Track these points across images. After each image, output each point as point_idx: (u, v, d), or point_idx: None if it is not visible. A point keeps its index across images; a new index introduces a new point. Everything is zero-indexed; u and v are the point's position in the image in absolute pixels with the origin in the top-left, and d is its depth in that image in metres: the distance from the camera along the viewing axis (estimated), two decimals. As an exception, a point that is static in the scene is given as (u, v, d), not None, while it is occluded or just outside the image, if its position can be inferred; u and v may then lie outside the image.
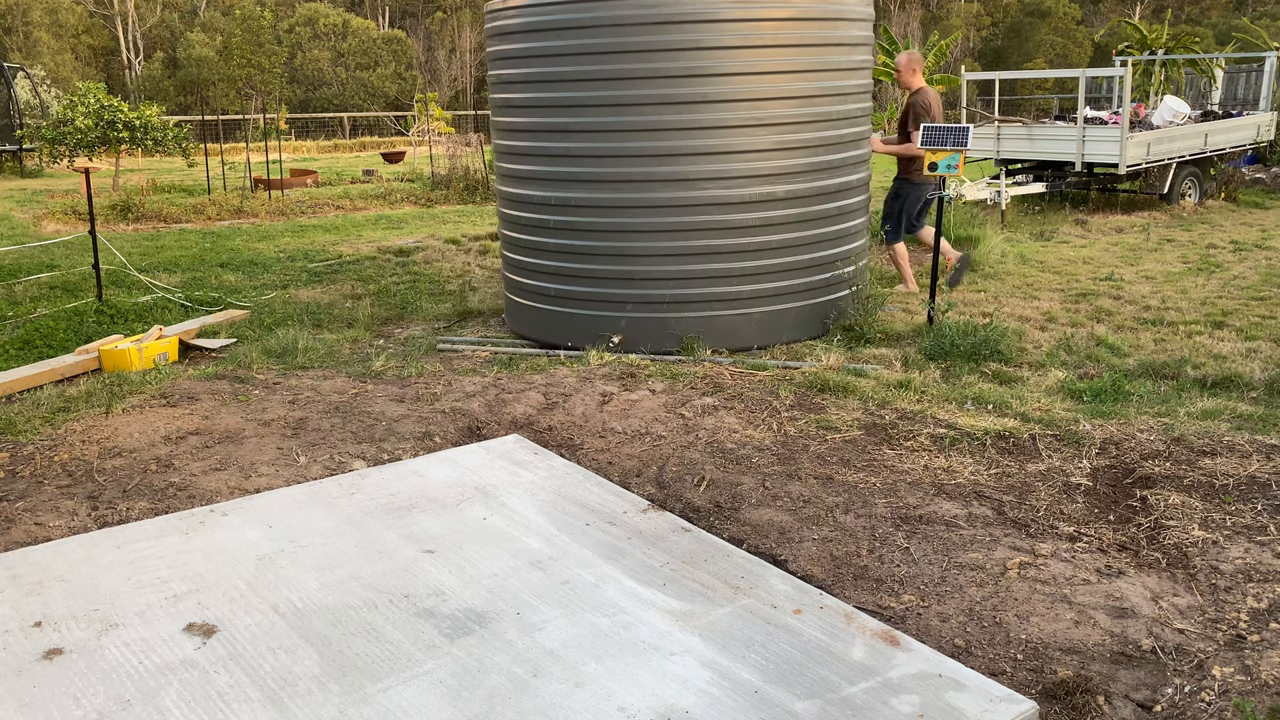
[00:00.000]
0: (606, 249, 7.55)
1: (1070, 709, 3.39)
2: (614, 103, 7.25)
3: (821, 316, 7.97)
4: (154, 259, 12.41)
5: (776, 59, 7.29)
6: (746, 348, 7.65)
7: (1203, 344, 7.63)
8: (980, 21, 56.82)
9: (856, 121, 8.00)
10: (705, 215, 7.37)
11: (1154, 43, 27.94)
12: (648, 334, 7.59)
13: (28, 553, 4.42)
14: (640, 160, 7.31)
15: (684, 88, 7.13)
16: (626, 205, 7.41)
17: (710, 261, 7.46)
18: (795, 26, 7.35)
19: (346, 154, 34.73)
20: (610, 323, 7.64)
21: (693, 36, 7.06)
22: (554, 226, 7.73)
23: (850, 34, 7.78)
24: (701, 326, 7.57)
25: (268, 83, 38.83)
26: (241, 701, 3.29)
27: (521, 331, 8.23)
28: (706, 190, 7.32)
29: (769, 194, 7.43)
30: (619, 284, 7.58)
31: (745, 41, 7.17)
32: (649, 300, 7.56)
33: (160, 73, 49.16)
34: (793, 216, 7.58)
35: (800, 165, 7.53)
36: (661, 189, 7.32)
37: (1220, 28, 50.73)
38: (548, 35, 7.39)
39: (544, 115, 7.61)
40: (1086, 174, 14.90)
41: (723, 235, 7.42)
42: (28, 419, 6.29)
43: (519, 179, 7.95)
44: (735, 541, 4.59)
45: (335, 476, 5.31)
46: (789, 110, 7.40)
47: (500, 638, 3.65)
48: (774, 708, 3.22)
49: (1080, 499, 4.98)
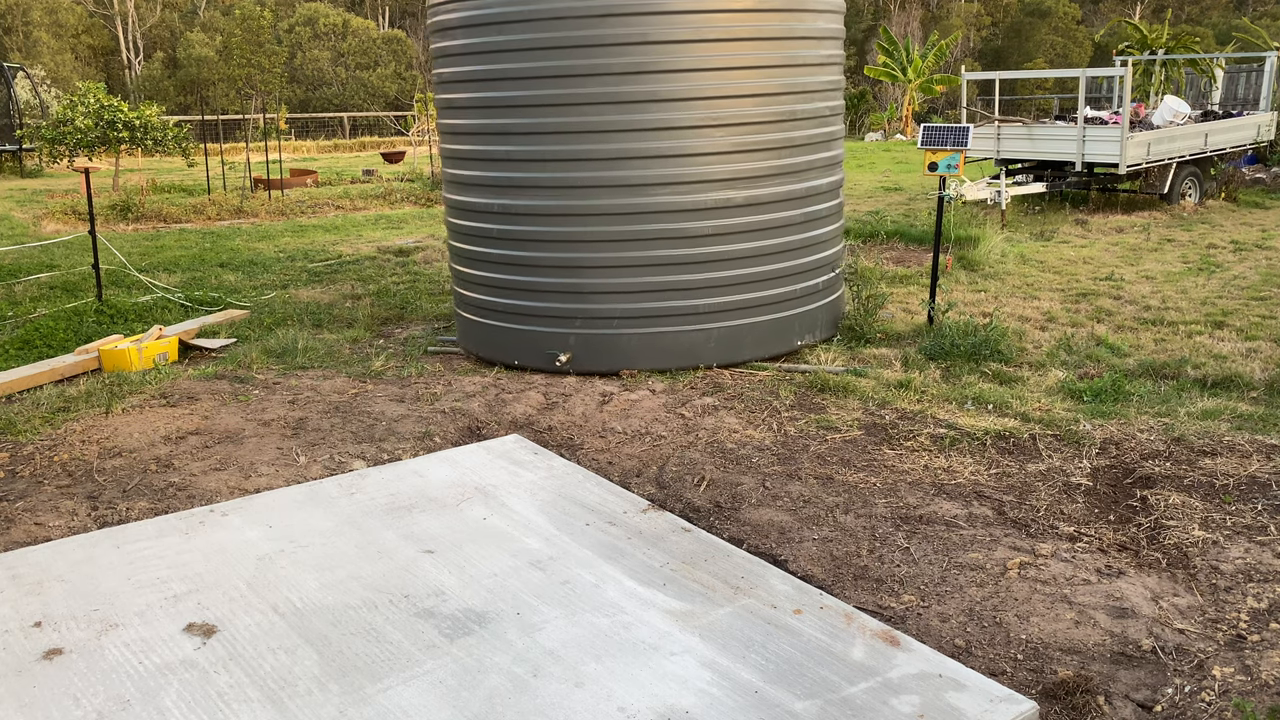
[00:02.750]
0: (552, 260, 7.01)
1: (1070, 709, 3.39)
2: (556, 102, 6.75)
3: (789, 332, 7.39)
4: (154, 259, 12.41)
5: (733, 54, 6.78)
6: (705, 366, 7.15)
7: (1203, 344, 7.63)
8: (980, 21, 56.83)
9: (826, 121, 7.46)
10: (657, 224, 6.82)
11: (1154, 43, 27.96)
12: (598, 352, 7.05)
13: (28, 553, 4.42)
14: (586, 164, 6.79)
15: (631, 85, 6.64)
16: (572, 213, 6.88)
17: (663, 274, 6.91)
18: (754, 18, 6.82)
19: (346, 154, 34.73)
20: (557, 340, 7.09)
21: (639, 30, 6.57)
22: (496, 236, 7.20)
23: (816, 26, 7.26)
24: (655, 344, 7.02)
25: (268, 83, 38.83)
26: (241, 701, 3.29)
27: (470, 349, 7.70)
28: (658, 196, 6.78)
29: (727, 200, 6.89)
30: (566, 298, 7.02)
31: (698, 35, 6.65)
32: (598, 316, 7.00)
33: (160, 73, 49.17)
34: (755, 224, 7.01)
35: (762, 169, 6.99)
36: (609, 195, 6.79)
37: (1220, 28, 50.74)
38: (487, 30, 6.90)
39: (485, 116, 7.11)
40: (1087, 174, 14.90)
41: (676, 245, 6.88)
42: (28, 419, 6.29)
43: (461, 185, 7.44)
44: (735, 541, 4.59)
45: (335, 476, 5.31)
46: (748, 109, 6.88)
47: (500, 638, 3.65)
48: (774, 708, 3.22)
49: (1080, 499, 4.98)
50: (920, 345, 7.54)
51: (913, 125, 35.69)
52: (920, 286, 9.71)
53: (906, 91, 36.70)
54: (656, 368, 7.06)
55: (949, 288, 9.59)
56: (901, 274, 10.44)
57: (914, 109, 37.03)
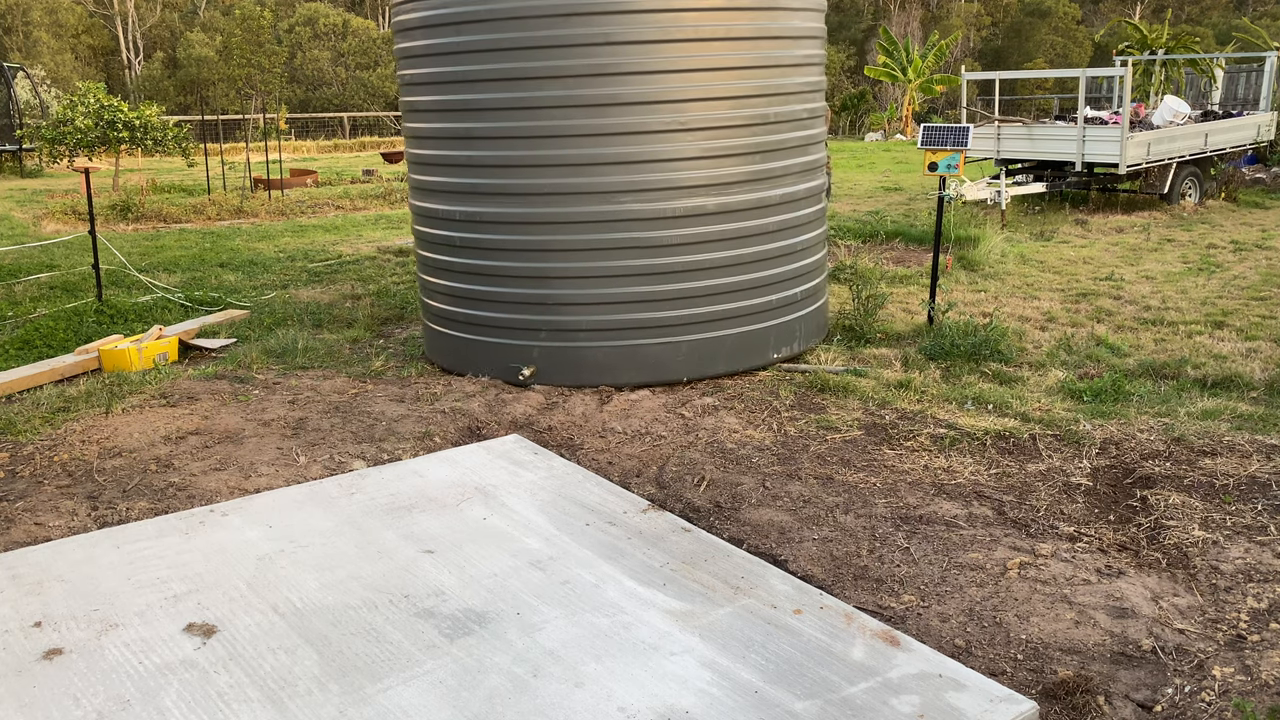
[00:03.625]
0: (515, 270, 6.75)
1: (1070, 709, 3.39)
2: (518, 105, 6.48)
3: (764, 345, 7.07)
4: (154, 259, 12.41)
5: (702, 55, 6.49)
6: (675, 381, 6.86)
7: (1203, 344, 7.63)
8: (980, 21, 56.84)
9: (804, 124, 7.13)
10: (624, 232, 6.55)
11: (1154, 43, 27.97)
12: (563, 365, 6.79)
13: (28, 553, 4.42)
14: (549, 170, 6.52)
15: (594, 89, 6.37)
16: (536, 221, 6.62)
17: (631, 284, 6.62)
18: (723, 17, 6.53)
19: (346, 154, 34.73)
20: (522, 352, 6.85)
21: (601, 30, 6.29)
22: (460, 244, 6.96)
23: (792, 25, 6.93)
24: (623, 357, 6.74)
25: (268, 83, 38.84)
26: (241, 701, 3.29)
27: (437, 360, 7.46)
28: (624, 204, 6.51)
29: (697, 208, 6.60)
30: (531, 309, 6.77)
31: (664, 35, 6.37)
32: (564, 328, 6.74)
33: (160, 73, 49.17)
34: (727, 233, 6.72)
35: (734, 175, 6.68)
36: (574, 203, 6.53)
37: (1220, 28, 50.74)
38: (445, 30, 6.65)
39: (447, 120, 6.86)
40: (1087, 174, 14.90)
41: (644, 255, 6.59)
42: (28, 419, 6.29)
43: (426, 191, 7.22)
44: (735, 541, 4.59)
45: (335, 476, 5.31)
46: (718, 113, 6.58)
47: (500, 638, 3.65)
48: (774, 708, 3.22)
49: (1080, 499, 4.98)
50: (920, 345, 7.54)
51: (913, 125, 35.71)
52: (920, 286, 9.71)
53: (906, 91, 36.72)
54: (625, 382, 6.79)
55: (949, 288, 9.59)
56: (901, 274, 10.44)
57: (914, 109, 37.05)
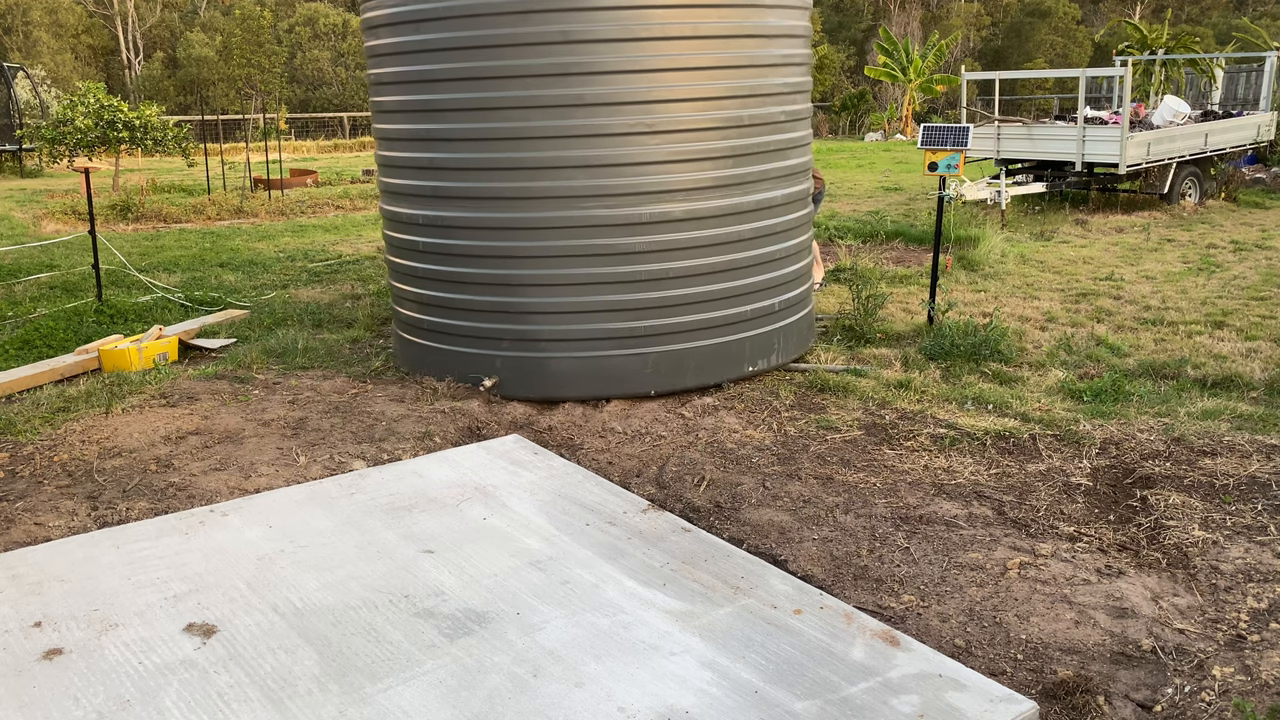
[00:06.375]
0: (478, 276, 6.54)
1: (1070, 709, 3.39)
2: (478, 106, 6.28)
3: (738, 357, 6.79)
4: (154, 259, 12.41)
5: (668, 54, 6.23)
6: (642, 394, 6.58)
7: (1203, 344, 7.63)
8: (980, 21, 56.82)
9: (783, 128, 6.83)
10: (589, 239, 6.32)
11: (1154, 43, 27.96)
12: (526, 376, 6.57)
13: (28, 553, 4.42)
14: (511, 174, 6.31)
15: (554, 89, 6.14)
16: (499, 226, 6.40)
17: (596, 293, 6.39)
18: (692, 14, 6.27)
19: (346, 154, 34.72)
20: (484, 362, 6.66)
21: (560, 28, 6.06)
22: (424, 249, 6.79)
23: (767, 23, 6.63)
24: (586, 369, 6.50)
25: (268, 83, 38.87)
26: (241, 701, 3.29)
27: (405, 368, 7.29)
28: (589, 209, 6.27)
29: (664, 214, 6.34)
30: (494, 317, 6.55)
31: (627, 34, 6.11)
32: (527, 337, 6.52)
33: (160, 73, 49.17)
34: (697, 240, 6.45)
35: (704, 180, 6.41)
36: (537, 208, 6.31)
37: (1220, 28, 50.72)
38: (407, 28, 6.47)
39: (411, 120, 6.68)
40: (1087, 174, 14.90)
41: (610, 262, 6.35)
42: (28, 419, 6.29)
43: (392, 194, 7.04)
44: (735, 541, 4.59)
45: (335, 476, 5.31)
46: (688, 115, 6.31)
47: (500, 638, 3.65)
48: (774, 708, 3.22)
49: (1080, 499, 4.98)
50: (920, 345, 7.54)
51: (913, 125, 35.70)
52: (920, 286, 9.71)
53: (906, 91, 36.72)
54: (589, 395, 6.53)
55: (949, 288, 9.59)
56: (901, 274, 10.44)
57: (914, 109, 37.05)
